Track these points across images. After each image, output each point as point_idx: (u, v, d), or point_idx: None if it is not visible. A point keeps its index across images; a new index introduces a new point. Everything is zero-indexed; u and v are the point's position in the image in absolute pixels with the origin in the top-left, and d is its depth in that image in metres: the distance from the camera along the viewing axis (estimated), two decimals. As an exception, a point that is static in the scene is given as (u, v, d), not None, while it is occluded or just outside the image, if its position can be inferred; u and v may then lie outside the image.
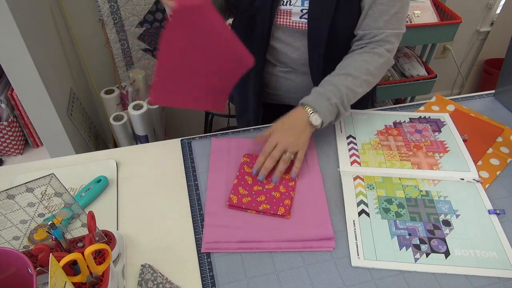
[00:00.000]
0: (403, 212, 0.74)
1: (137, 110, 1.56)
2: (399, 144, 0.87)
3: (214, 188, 0.78)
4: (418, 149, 0.86)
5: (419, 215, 0.73)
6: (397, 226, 0.71)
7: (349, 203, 0.75)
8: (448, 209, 0.74)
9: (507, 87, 0.99)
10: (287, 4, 0.84)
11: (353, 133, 0.90)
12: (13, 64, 1.12)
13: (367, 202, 0.75)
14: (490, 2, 2.15)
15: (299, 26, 0.85)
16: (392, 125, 0.92)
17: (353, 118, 0.95)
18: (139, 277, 0.64)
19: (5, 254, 0.52)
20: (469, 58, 2.42)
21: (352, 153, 0.85)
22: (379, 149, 0.86)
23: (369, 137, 0.89)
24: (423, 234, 0.70)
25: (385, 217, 0.73)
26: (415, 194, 0.77)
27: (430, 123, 0.93)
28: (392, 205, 0.75)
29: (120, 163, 0.85)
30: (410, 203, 0.75)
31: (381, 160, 0.84)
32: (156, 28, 1.69)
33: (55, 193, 0.56)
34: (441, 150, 0.85)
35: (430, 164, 0.82)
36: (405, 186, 0.78)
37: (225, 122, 2.04)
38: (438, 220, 0.72)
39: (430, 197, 0.76)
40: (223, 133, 0.93)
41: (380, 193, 0.77)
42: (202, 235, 0.70)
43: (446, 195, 0.76)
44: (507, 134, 0.91)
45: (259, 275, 0.64)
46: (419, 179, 0.80)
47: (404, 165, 0.82)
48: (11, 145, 1.36)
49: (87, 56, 1.68)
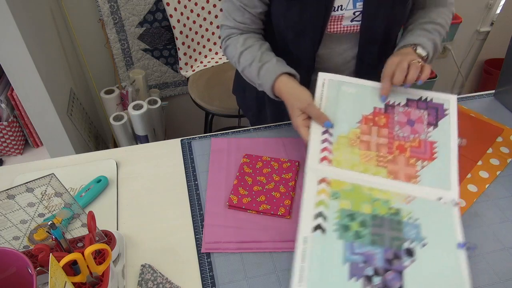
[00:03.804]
0: (364, 232, 0.64)
1: (137, 110, 1.56)
2: (381, 142, 0.74)
3: (214, 188, 0.78)
4: (400, 152, 0.74)
5: (382, 239, 0.63)
6: (353, 250, 0.62)
7: (306, 215, 0.65)
8: (416, 235, 0.64)
9: (507, 87, 0.99)
10: (339, 9, 0.79)
11: (333, 115, 0.76)
12: (13, 64, 1.12)
13: (326, 216, 0.65)
14: (490, 2, 2.15)
15: (350, 29, 0.82)
16: (383, 108, 0.78)
17: (341, 91, 0.79)
18: (139, 277, 0.64)
19: (5, 254, 0.52)
20: (469, 58, 2.42)
21: (325, 147, 0.73)
22: (356, 146, 0.74)
23: (349, 126, 0.75)
24: (379, 264, 0.61)
25: (343, 236, 0.63)
26: (384, 211, 0.67)
27: (429, 110, 0.78)
28: (354, 222, 0.65)
29: (120, 163, 0.85)
30: (375, 222, 0.65)
31: (355, 161, 0.72)
32: (156, 28, 1.69)
33: (55, 193, 0.56)
34: (426, 157, 0.73)
35: (408, 176, 0.71)
36: (374, 200, 0.68)
37: (225, 123, 2.04)
38: (401, 247, 0.63)
39: (399, 218, 0.66)
40: (223, 133, 0.93)
41: (344, 205, 0.67)
42: (202, 235, 0.70)
43: (417, 217, 0.66)
44: (507, 134, 0.91)
45: (259, 275, 0.64)
46: (392, 192, 0.69)
47: (379, 172, 0.71)
48: (11, 145, 1.36)
49: (87, 56, 1.68)
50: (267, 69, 0.80)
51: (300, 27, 0.82)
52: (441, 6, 0.87)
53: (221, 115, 1.55)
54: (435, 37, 0.83)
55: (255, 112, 1.08)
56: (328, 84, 0.79)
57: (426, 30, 0.83)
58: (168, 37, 1.74)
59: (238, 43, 0.85)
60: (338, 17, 0.80)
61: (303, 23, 0.81)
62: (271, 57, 0.82)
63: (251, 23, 0.85)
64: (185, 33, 1.61)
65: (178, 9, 1.54)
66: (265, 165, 0.82)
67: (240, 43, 0.85)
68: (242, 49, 0.84)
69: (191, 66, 1.72)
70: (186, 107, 2.00)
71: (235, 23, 0.85)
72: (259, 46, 0.84)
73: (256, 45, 0.84)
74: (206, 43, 1.73)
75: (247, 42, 0.85)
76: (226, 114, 1.53)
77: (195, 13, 1.62)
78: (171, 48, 1.78)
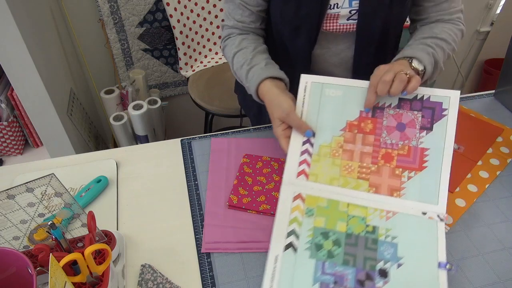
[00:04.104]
0: (337, 252, 0.62)
1: (137, 110, 1.56)
2: (365, 151, 0.69)
3: (214, 188, 0.78)
4: (386, 162, 0.68)
5: (354, 259, 0.61)
6: (324, 270, 0.60)
7: (279, 233, 0.64)
8: (391, 256, 0.61)
9: (507, 87, 0.99)
10: (335, 7, 0.79)
11: (315, 122, 0.71)
12: (13, 64, 1.12)
13: (299, 234, 0.63)
14: (490, 2, 2.15)
15: (346, 28, 0.82)
16: (370, 112, 0.71)
17: (324, 94, 0.73)
18: (139, 277, 0.64)
19: (5, 254, 0.52)
20: (469, 58, 2.42)
21: (304, 159, 0.70)
22: (338, 157, 0.69)
23: (332, 135, 0.71)
24: (351, 284, 0.59)
25: (315, 256, 0.61)
26: (359, 229, 0.64)
27: (424, 112, 0.70)
28: (327, 241, 0.63)
29: (120, 163, 0.85)
30: (350, 240, 0.63)
31: (335, 174, 0.68)
32: (156, 28, 1.69)
33: (55, 193, 0.56)
34: (415, 167, 0.67)
35: (392, 189, 0.67)
36: (350, 217, 0.65)
37: (225, 123, 2.04)
38: (375, 268, 0.60)
39: (375, 236, 0.63)
40: (223, 133, 0.93)
41: (318, 223, 0.64)
42: (202, 235, 0.70)
43: (395, 235, 0.63)
44: (507, 134, 0.91)
45: (259, 275, 0.64)
46: (370, 208, 0.65)
47: (360, 186, 0.67)
48: (11, 145, 1.36)
49: (87, 56, 1.68)
50: (254, 72, 0.78)
51: (296, 23, 0.82)
52: (447, 22, 0.83)
53: (221, 115, 1.55)
54: (436, 52, 0.76)
55: (256, 112, 1.08)
56: (311, 88, 0.73)
57: (426, 44, 0.77)
58: (168, 37, 1.74)
59: (234, 44, 0.84)
60: (334, 15, 0.80)
61: (299, 19, 0.81)
62: (260, 60, 0.80)
63: (250, 22, 0.85)
64: (185, 33, 1.61)
65: (178, 9, 1.54)
66: (265, 165, 0.82)
67: (236, 44, 0.84)
68: (236, 50, 0.83)
69: (191, 66, 1.72)
70: (186, 107, 2.00)
71: (234, 22, 0.85)
72: (252, 48, 0.82)
73: (250, 47, 0.83)
74: (206, 43, 1.73)
75: (243, 43, 0.84)
76: (226, 114, 1.53)
77: (195, 13, 1.62)
78: (171, 48, 1.78)
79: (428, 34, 0.80)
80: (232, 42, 0.85)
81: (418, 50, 0.75)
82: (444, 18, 0.83)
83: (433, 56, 0.75)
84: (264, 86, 0.76)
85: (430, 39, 0.78)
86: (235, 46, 0.84)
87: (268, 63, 0.80)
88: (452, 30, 0.81)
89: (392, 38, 0.88)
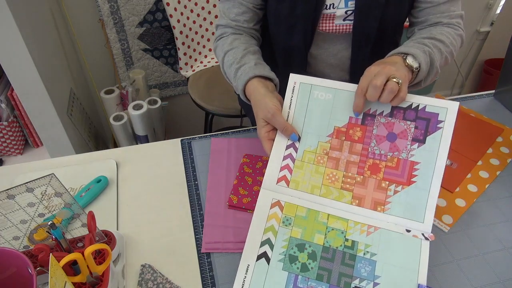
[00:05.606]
0: (312, 265, 0.59)
1: (137, 110, 1.56)
2: (352, 160, 0.65)
3: (214, 188, 0.78)
4: (372, 173, 0.64)
5: (329, 274, 0.58)
6: (296, 284, 0.58)
7: (253, 241, 0.61)
8: (368, 274, 0.58)
9: (507, 87, 0.99)
10: (330, 8, 0.79)
11: (301, 126, 0.68)
12: (13, 64, 1.12)
13: (273, 244, 0.61)
14: (490, 2, 2.15)
15: (342, 29, 0.81)
16: (360, 118, 0.66)
17: (312, 97, 0.68)
18: (139, 277, 0.64)
19: (5, 254, 0.52)
20: (469, 58, 2.42)
21: (286, 165, 0.67)
22: (322, 164, 0.66)
23: (318, 140, 0.67)
24: None
25: (288, 268, 0.59)
26: (337, 243, 0.61)
27: (418, 123, 0.64)
28: (303, 254, 0.60)
29: (120, 163, 0.85)
30: (326, 254, 0.60)
31: (317, 183, 0.65)
32: (156, 28, 1.69)
33: (55, 193, 0.56)
34: (402, 181, 0.63)
35: (376, 202, 0.63)
36: (329, 230, 0.62)
37: (225, 122, 2.04)
38: (349, 286, 0.57)
39: (353, 251, 0.60)
40: (223, 133, 0.93)
41: (295, 233, 0.62)
42: (202, 235, 0.70)
43: (375, 252, 0.60)
44: (507, 134, 0.91)
45: (259, 275, 0.64)
46: (351, 222, 0.62)
47: (342, 197, 0.64)
48: (11, 145, 1.36)
49: (87, 56, 1.68)
50: (242, 71, 0.75)
51: (291, 22, 0.82)
52: (446, 26, 0.81)
53: (221, 115, 1.55)
54: (433, 52, 0.72)
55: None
56: (299, 89, 0.69)
57: (422, 43, 0.74)
58: (168, 37, 1.74)
59: (226, 43, 0.82)
60: (330, 15, 0.80)
61: (294, 18, 0.81)
62: (250, 60, 0.76)
63: (244, 21, 0.84)
64: (185, 33, 1.61)
65: (178, 9, 1.54)
66: (265, 165, 0.82)
67: (228, 43, 0.82)
68: (227, 49, 0.81)
69: (191, 66, 1.72)
70: (186, 107, 2.00)
71: (228, 21, 0.84)
72: (243, 48, 0.79)
73: (241, 47, 0.79)
74: (206, 43, 1.73)
75: (234, 43, 0.81)
76: (226, 114, 1.53)
77: (195, 13, 1.62)
78: (171, 48, 1.78)
79: (426, 35, 0.78)
80: (224, 42, 0.83)
81: (413, 48, 0.71)
82: (443, 22, 0.81)
83: (430, 55, 0.71)
84: (251, 85, 0.73)
85: (428, 39, 0.76)
86: (227, 45, 0.81)
87: (258, 63, 0.77)
88: (451, 34, 0.79)
89: (390, 39, 0.88)
